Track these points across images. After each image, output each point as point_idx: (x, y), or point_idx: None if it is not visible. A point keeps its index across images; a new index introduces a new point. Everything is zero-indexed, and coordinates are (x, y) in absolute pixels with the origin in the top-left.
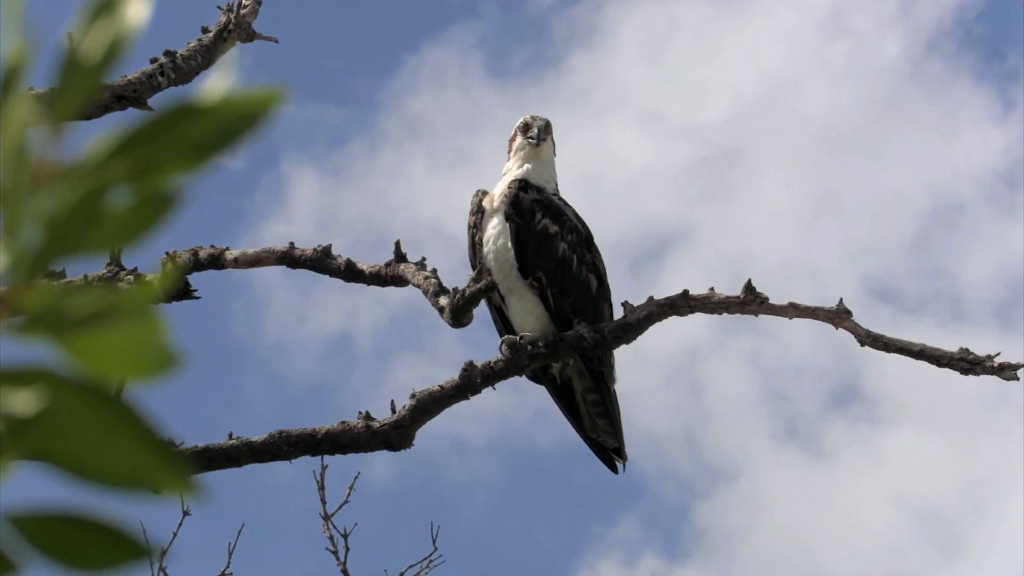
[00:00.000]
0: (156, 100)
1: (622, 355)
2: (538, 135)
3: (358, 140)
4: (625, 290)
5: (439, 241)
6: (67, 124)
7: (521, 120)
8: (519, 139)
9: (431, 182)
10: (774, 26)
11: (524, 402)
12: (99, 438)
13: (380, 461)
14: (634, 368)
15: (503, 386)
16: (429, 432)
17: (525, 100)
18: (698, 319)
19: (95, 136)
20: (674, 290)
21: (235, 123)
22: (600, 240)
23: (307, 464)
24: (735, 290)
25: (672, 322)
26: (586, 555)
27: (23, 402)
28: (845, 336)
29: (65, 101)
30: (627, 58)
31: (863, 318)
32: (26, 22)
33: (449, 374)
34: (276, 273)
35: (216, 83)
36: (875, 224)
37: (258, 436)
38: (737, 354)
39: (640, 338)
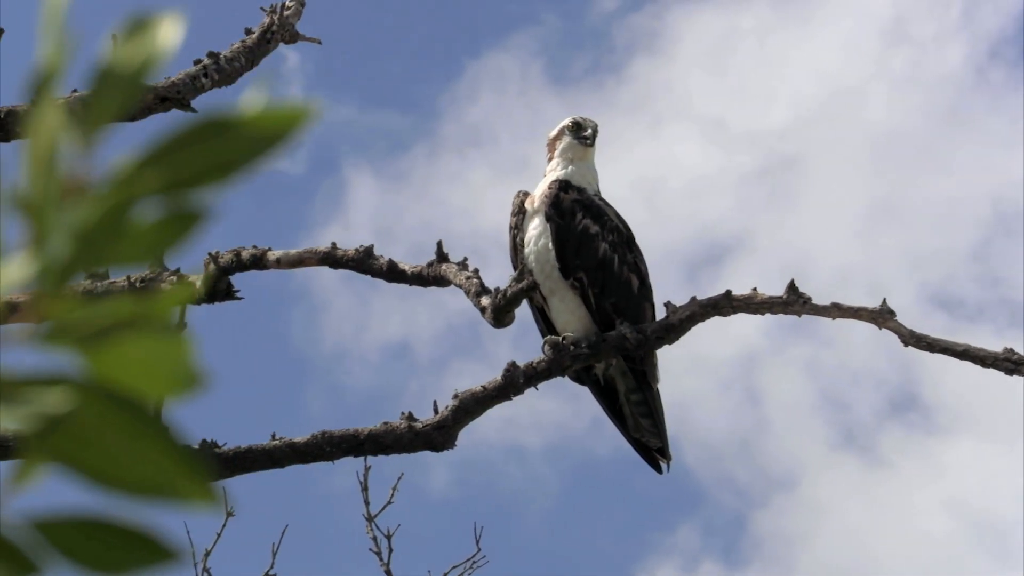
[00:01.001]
0: (199, 101)
1: (679, 362)
2: (592, 136)
3: (419, 146)
4: (682, 296)
5: (499, 248)
6: (97, 135)
7: (569, 120)
8: (566, 139)
9: (491, 189)
10: (836, 33)
11: (580, 409)
12: (122, 447)
13: (438, 469)
14: (692, 375)
15: (560, 393)
16: (486, 439)
17: (585, 107)
18: (755, 325)
19: (125, 148)
20: None
21: (267, 138)
22: (658, 246)
23: (354, 465)
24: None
25: (729, 328)
26: (645, 562)
27: (48, 408)
28: (902, 343)
29: (97, 113)
30: (688, 65)
31: (921, 325)
32: (64, 29)
33: None
34: (334, 281)
35: (251, 97)
36: (935, 232)
37: (301, 437)
38: (794, 361)
39: (697, 344)
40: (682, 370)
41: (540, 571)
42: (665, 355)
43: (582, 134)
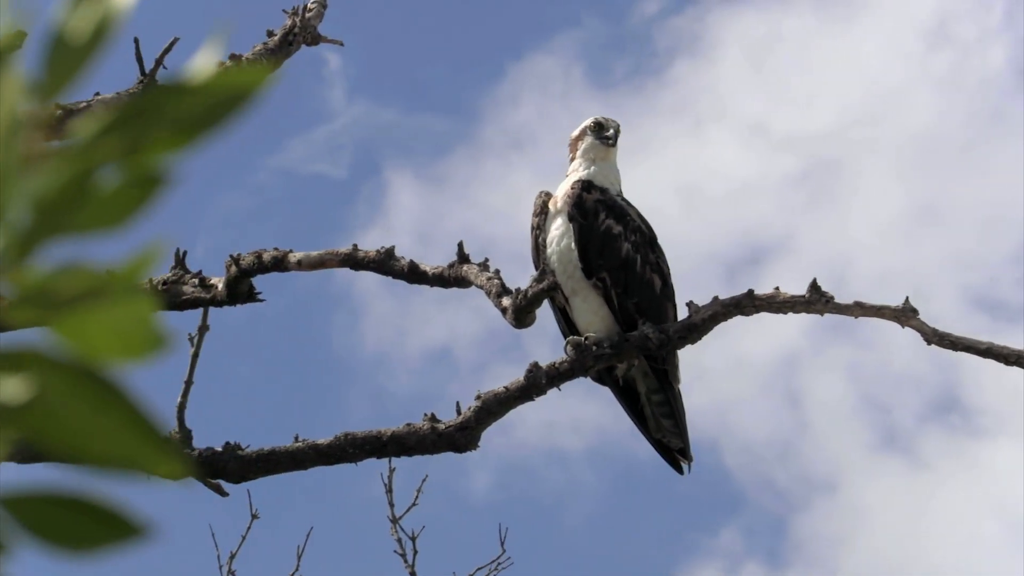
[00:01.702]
0: None
1: (720, 364)
2: (614, 136)
3: (460, 149)
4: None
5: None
6: (55, 104)
7: (592, 120)
8: (588, 139)
9: (533, 193)
10: (878, 36)
11: (621, 412)
12: (90, 420)
13: (480, 473)
14: (732, 377)
15: (601, 396)
16: (527, 442)
17: (626, 110)
18: (796, 327)
19: (84, 117)
20: None
21: (223, 102)
22: (699, 249)
23: (379, 467)
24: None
25: (769, 330)
26: (687, 564)
27: (15, 385)
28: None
29: (52, 82)
30: (729, 68)
31: (961, 327)
32: (18, 3)
33: None
34: (374, 284)
35: (204, 62)
36: (977, 235)
37: (324, 438)
38: (835, 363)
39: (738, 346)
40: (722, 372)
41: (582, 574)
42: (705, 357)
43: (604, 134)
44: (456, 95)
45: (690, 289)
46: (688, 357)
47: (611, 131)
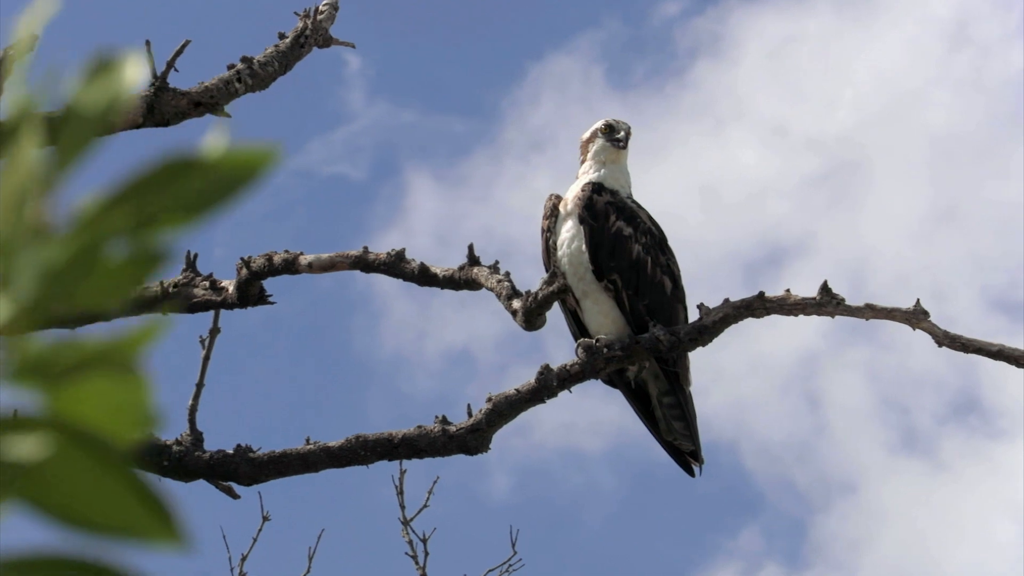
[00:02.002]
0: (233, 106)
1: (739, 365)
2: (625, 139)
3: (480, 150)
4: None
5: None
6: (64, 177)
7: (602, 122)
8: (599, 141)
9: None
10: (898, 37)
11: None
12: (88, 487)
13: (498, 475)
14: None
15: (619, 397)
16: (545, 444)
17: (646, 111)
18: (814, 328)
19: (90, 190)
20: None
21: (231, 179)
22: (719, 249)
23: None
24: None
25: (788, 331)
26: (707, 566)
27: (21, 449)
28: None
29: (63, 155)
30: (750, 69)
31: (980, 329)
32: (33, 71)
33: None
34: (394, 287)
35: (213, 139)
36: (997, 236)
37: (335, 441)
38: (853, 364)
39: (756, 346)
40: (742, 374)
41: (602, 574)
42: (724, 359)
43: (615, 136)
44: (476, 96)
45: (709, 290)
46: (706, 359)
47: (622, 133)
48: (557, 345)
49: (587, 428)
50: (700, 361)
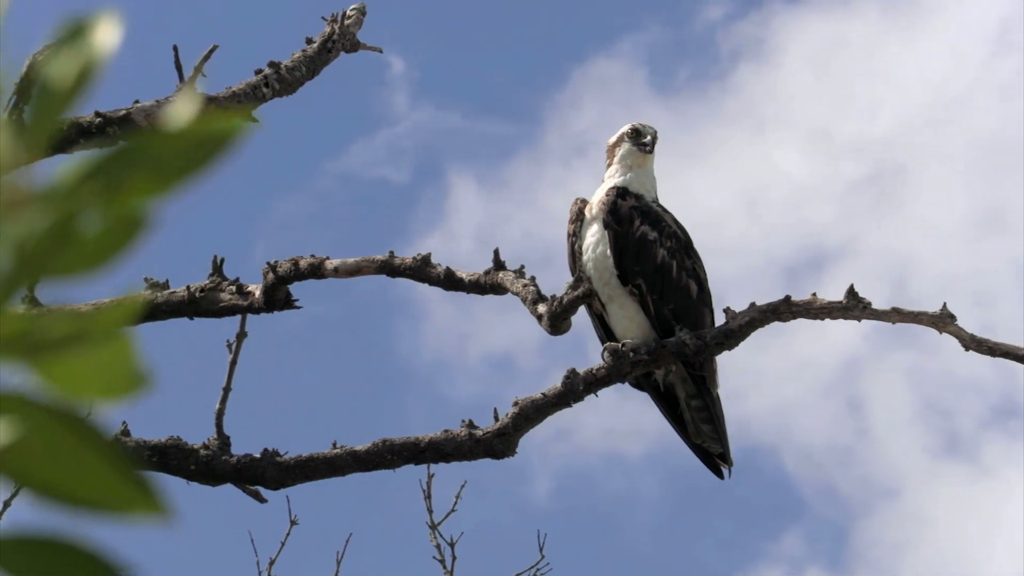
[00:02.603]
0: (261, 111)
1: (780, 369)
2: (651, 143)
3: (523, 154)
4: None
5: None
6: (38, 151)
7: (629, 127)
8: (626, 145)
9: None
10: (942, 41)
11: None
12: (69, 463)
13: (539, 478)
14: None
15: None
16: (586, 448)
17: (689, 115)
18: (856, 332)
19: (65, 162)
20: None
21: (202, 148)
22: (761, 254)
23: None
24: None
25: (830, 335)
26: (749, 570)
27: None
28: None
29: (36, 128)
30: (793, 73)
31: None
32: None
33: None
34: (435, 291)
35: (183, 109)
36: None
37: (362, 445)
38: (896, 368)
39: (798, 350)
40: (783, 377)
41: None
42: (765, 362)
43: (641, 140)
44: (519, 99)
45: (750, 295)
46: (748, 362)
47: (648, 138)
48: (598, 349)
49: (629, 432)
50: (740, 365)
